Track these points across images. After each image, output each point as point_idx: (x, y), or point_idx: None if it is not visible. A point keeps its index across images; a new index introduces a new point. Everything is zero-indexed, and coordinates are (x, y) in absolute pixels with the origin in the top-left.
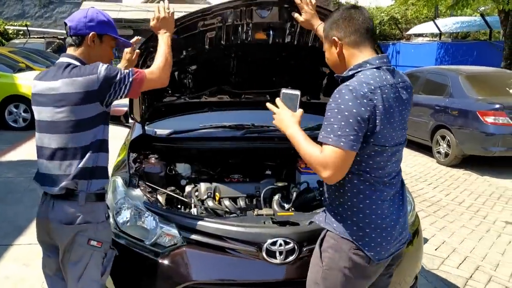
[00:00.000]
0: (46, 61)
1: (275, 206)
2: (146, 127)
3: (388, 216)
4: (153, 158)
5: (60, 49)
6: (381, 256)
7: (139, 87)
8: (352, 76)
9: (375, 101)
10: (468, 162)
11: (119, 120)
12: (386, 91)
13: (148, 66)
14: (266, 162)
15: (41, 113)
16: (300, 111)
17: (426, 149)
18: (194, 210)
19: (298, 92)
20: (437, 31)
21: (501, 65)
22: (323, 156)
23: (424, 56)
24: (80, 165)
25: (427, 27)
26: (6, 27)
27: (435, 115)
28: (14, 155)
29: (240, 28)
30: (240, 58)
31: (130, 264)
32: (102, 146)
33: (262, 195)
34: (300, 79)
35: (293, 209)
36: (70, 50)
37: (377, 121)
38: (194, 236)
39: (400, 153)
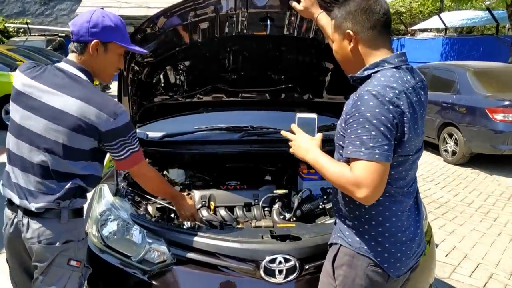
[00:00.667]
0: (46, 59)
1: (275, 216)
2: (137, 130)
3: (407, 228)
4: None
5: (61, 47)
6: (400, 272)
7: (132, 164)
8: (369, 76)
9: (402, 107)
10: (476, 161)
11: None
12: (410, 95)
13: (137, 61)
14: (266, 167)
15: (28, 119)
16: (319, 135)
17: (432, 147)
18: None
19: (315, 116)
20: (442, 26)
21: (509, 60)
22: (355, 174)
23: (429, 52)
24: (65, 188)
25: (432, 23)
26: (7, 25)
27: (442, 112)
28: None
29: (235, 19)
30: (236, 53)
31: (114, 282)
32: (92, 180)
33: (260, 204)
34: (302, 76)
35: (294, 219)
36: (73, 57)
37: (405, 129)
38: (185, 253)
39: (419, 159)
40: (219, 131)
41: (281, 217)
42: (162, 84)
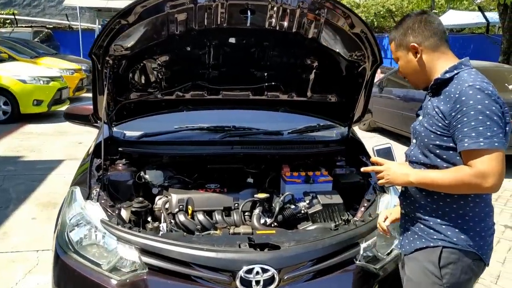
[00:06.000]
0: (32, 51)
1: (255, 221)
2: (114, 129)
3: (492, 216)
4: (120, 164)
5: (48, 39)
6: (489, 258)
7: None
8: (451, 78)
9: (501, 99)
10: None
11: (88, 119)
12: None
13: (111, 55)
14: (248, 169)
15: None
16: (402, 160)
17: None
18: (163, 226)
19: (389, 144)
20: None
21: (499, 59)
22: (478, 166)
23: None
24: None
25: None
26: None
27: None
28: None
29: (214, 10)
30: (216, 48)
31: None
32: None
33: (240, 209)
34: (285, 73)
35: (275, 224)
36: None
37: (507, 119)
38: (157, 262)
39: None
40: (200, 131)
41: (262, 222)
42: (140, 80)
